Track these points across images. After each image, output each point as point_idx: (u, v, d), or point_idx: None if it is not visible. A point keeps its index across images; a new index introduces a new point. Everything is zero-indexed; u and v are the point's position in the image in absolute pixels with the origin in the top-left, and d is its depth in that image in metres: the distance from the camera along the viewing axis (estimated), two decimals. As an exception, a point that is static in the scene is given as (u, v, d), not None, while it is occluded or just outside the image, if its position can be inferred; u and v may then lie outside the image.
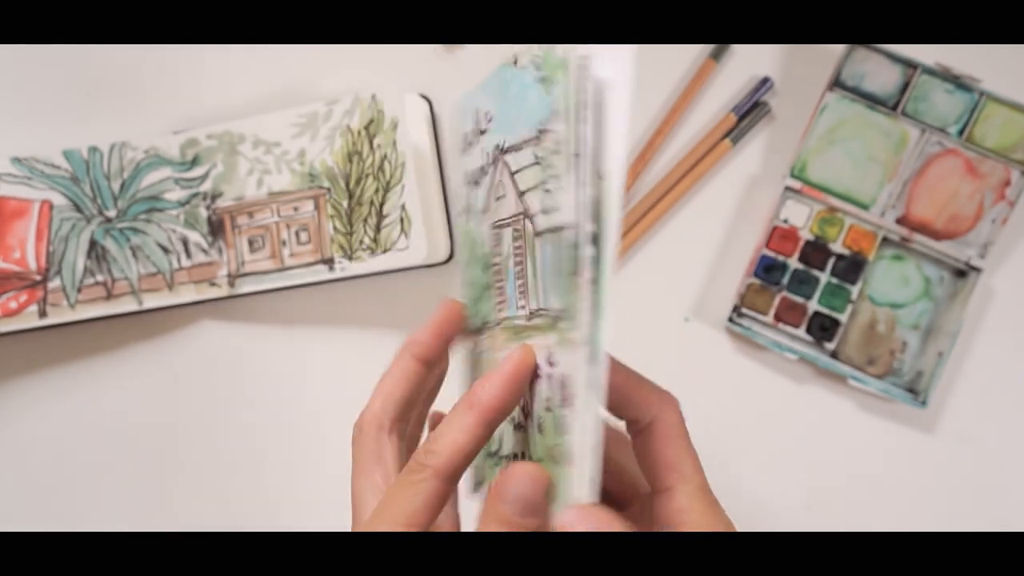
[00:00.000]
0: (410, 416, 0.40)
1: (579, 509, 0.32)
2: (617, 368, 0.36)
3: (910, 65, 0.65)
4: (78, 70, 0.68)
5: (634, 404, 0.36)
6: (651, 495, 0.36)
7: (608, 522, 0.32)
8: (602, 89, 0.33)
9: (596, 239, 0.32)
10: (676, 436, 0.36)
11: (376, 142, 0.62)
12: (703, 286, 0.68)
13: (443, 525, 0.39)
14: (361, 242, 0.62)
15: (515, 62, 0.36)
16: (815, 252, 0.66)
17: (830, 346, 0.66)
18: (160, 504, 0.67)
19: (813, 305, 0.66)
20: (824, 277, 0.66)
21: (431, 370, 0.40)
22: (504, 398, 0.34)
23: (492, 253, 0.38)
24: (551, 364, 0.34)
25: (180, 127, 0.67)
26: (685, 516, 0.34)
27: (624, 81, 0.33)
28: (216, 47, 0.68)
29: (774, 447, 0.66)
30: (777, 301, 0.66)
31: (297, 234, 0.64)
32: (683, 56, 0.69)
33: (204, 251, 0.65)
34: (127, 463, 0.67)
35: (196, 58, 0.68)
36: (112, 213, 0.65)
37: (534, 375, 0.35)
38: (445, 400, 0.41)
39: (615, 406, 0.36)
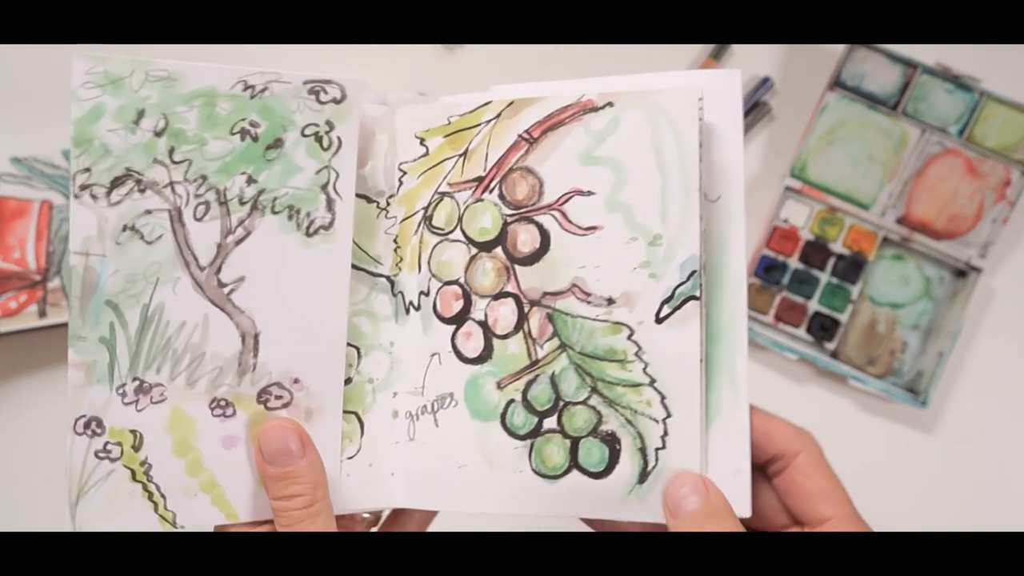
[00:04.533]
0: None
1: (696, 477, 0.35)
2: (754, 409, 0.37)
3: (910, 65, 0.65)
4: (78, 70, 0.68)
5: (775, 440, 0.37)
6: (805, 526, 0.37)
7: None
8: None
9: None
10: (824, 468, 0.37)
11: (376, 142, 0.62)
12: (703, 286, 0.68)
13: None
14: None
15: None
16: (815, 252, 0.66)
17: (830, 346, 0.66)
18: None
19: (813, 305, 0.66)
20: (824, 277, 0.66)
21: None
22: None
23: None
24: None
25: (180, 127, 0.67)
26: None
27: None
28: (216, 47, 0.68)
29: (774, 447, 0.66)
30: (777, 301, 0.66)
31: (297, 234, 0.64)
32: (683, 56, 0.69)
33: (204, 251, 0.65)
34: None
35: (196, 58, 0.68)
36: (112, 213, 0.65)
37: None
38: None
39: (757, 444, 0.37)
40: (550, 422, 0.38)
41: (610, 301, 0.37)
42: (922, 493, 0.66)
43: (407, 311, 0.39)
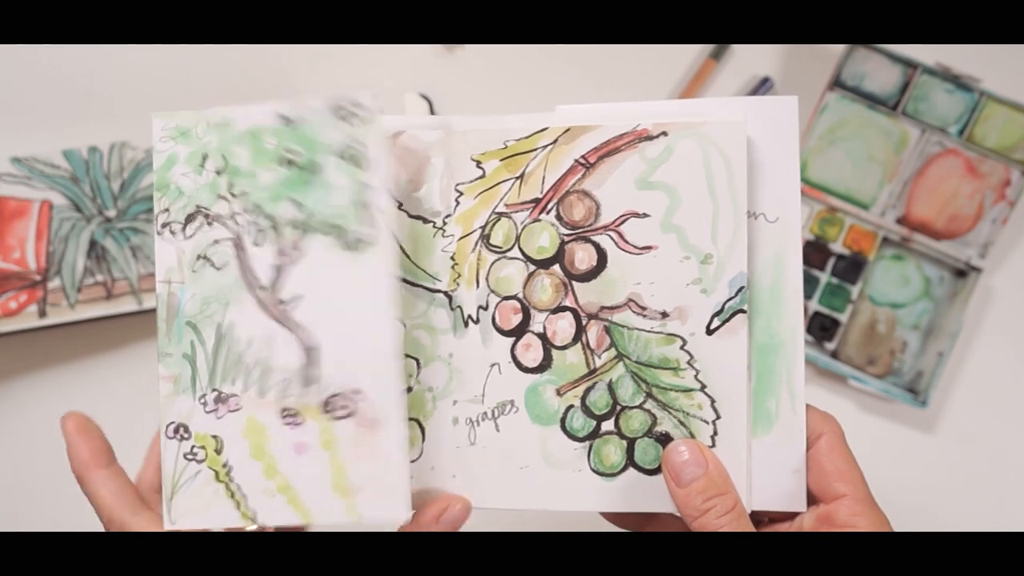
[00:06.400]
0: None
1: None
2: None
3: (910, 65, 0.65)
4: (78, 70, 0.68)
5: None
6: (820, 503, 0.39)
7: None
8: None
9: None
10: (843, 449, 0.39)
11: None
12: (703, 286, 0.68)
13: None
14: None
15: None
16: (815, 252, 0.66)
17: (830, 346, 0.66)
18: (160, 504, 0.67)
19: (813, 305, 0.66)
20: (824, 277, 0.66)
21: None
22: None
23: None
24: None
25: (180, 127, 0.67)
26: (860, 519, 0.38)
27: None
28: (216, 47, 0.68)
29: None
30: (777, 301, 0.66)
31: (297, 234, 0.65)
32: (683, 56, 0.69)
33: (204, 251, 0.65)
34: (127, 463, 0.67)
35: (196, 58, 0.68)
36: (112, 213, 0.65)
37: None
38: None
39: None
40: (608, 425, 0.40)
41: (664, 315, 0.40)
42: (922, 493, 0.66)
43: (466, 324, 0.42)
